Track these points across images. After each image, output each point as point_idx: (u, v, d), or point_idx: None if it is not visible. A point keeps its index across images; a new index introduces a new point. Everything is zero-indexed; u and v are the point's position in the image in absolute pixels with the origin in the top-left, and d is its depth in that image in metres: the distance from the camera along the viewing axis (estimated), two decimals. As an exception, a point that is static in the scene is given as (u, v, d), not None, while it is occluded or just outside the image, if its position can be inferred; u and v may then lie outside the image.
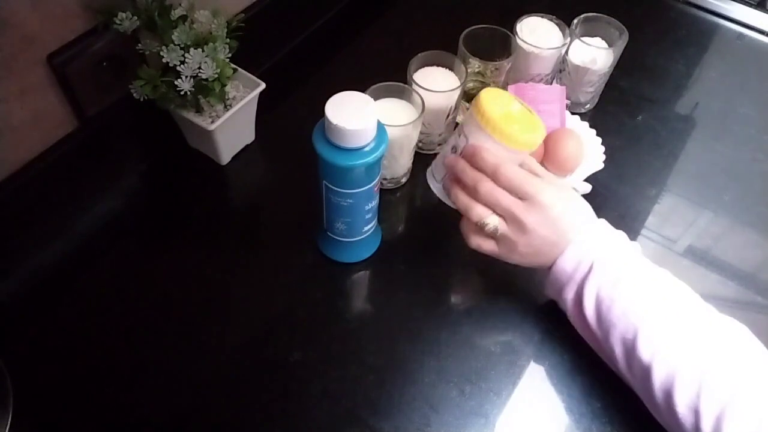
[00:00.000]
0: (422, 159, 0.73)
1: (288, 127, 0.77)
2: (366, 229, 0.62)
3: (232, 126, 0.68)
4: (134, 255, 0.65)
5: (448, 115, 0.70)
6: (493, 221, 0.55)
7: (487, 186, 0.55)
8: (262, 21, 0.75)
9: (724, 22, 0.94)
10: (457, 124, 0.75)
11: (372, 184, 0.56)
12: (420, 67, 0.69)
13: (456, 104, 0.69)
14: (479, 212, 0.56)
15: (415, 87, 0.65)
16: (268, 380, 0.57)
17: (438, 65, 0.70)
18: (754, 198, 0.73)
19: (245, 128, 0.73)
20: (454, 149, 0.59)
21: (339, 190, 0.55)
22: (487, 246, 0.57)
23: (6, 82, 0.54)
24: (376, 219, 0.63)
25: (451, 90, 0.67)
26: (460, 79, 0.68)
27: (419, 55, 0.68)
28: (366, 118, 0.51)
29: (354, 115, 0.50)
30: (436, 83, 0.67)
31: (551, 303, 0.63)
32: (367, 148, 0.52)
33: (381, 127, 0.54)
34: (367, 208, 0.58)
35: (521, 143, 0.54)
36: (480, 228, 0.56)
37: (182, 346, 0.59)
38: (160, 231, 0.67)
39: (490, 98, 0.55)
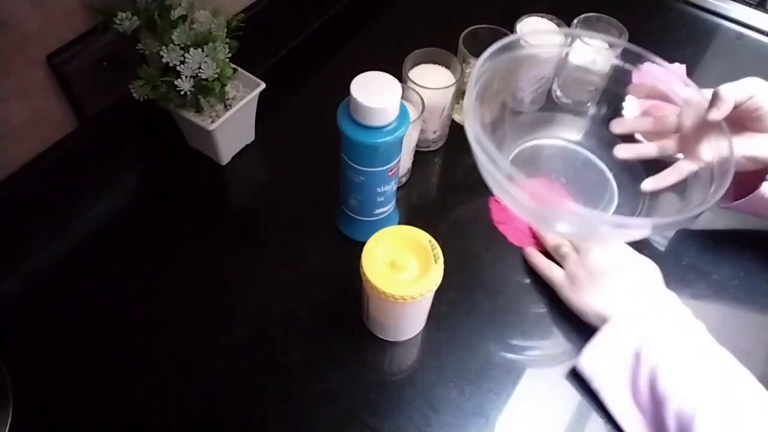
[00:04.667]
0: (421, 158, 0.73)
1: (288, 127, 0.77)
2: (378, 212, 0.62)
3: (232, 126, 0.68)
4: (134, 255, 0.65)
5: (442, 112, 0.70)
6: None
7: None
8: (262, 21, 0.75)
9: (724, 22, 0.94)
10: (452, 121, 0.75)
11: (384, 167, 0.57)
12: (415, 65, 0.69)
13: (451, 101, 0.69)
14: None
15: (410, 84, 0.65)
16: (268, 380, 0.57)
17: (433, 63, 0.70)
18: (754, 198, 0.73)
19: (245, 128, 0.73)
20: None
21: (352, 164, 0.57)
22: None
23: (6, 82, 0.54)
24: (391, 206, 0.64)
25: (446, 87, 0.67)
26: (455, 76, 0.68)
27: (414, 52, 0.68)
28: (384, 99, 0.52)
29: (374, 94, 0.51)
30: (431, 80, 0.67)
31: (551, 303, 0.63)
32: (383, 129, 0.53)
33: (403, 114, 0.55)
34: (378, 190, 0.59)
35: (409, 296, 0.50)
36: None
37: (182, 345, 0.59)
38: (160, 231, 0.67)
39: (371, 254, 0.51)
